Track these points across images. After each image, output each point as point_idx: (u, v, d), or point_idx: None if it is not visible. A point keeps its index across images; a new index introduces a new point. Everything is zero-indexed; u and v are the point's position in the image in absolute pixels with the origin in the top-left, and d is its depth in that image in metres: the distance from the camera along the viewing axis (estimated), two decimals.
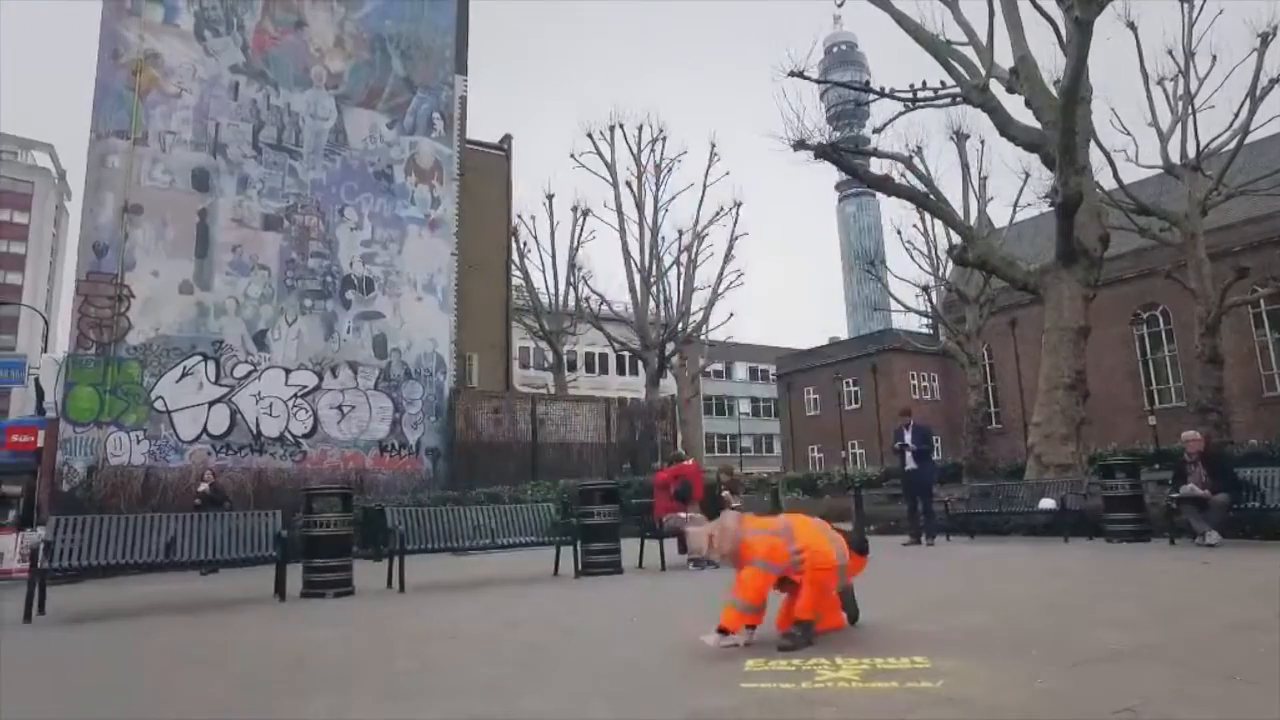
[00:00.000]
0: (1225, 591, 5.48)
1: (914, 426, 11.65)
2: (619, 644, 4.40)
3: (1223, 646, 3.63)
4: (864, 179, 16.31)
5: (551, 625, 5.20)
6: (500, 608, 6.22)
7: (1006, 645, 3.80)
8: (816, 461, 47.20)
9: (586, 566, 8.51)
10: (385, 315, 18.11)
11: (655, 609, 5.83)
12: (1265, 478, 8.95)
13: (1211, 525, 8.63)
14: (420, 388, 18.24)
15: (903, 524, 13.96)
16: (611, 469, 19.54)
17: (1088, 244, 14.53)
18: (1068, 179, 13.43)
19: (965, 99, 15.84)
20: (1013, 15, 15.79)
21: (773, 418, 63.72)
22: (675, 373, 31.76)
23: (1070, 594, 5.62)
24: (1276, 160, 23.84)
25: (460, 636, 4.85)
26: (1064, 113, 13.06)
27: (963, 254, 16.78)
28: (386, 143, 18.68)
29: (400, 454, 17.74)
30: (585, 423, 20.32)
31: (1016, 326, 40.90)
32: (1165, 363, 35.96)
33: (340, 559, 7.36)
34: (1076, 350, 14.44)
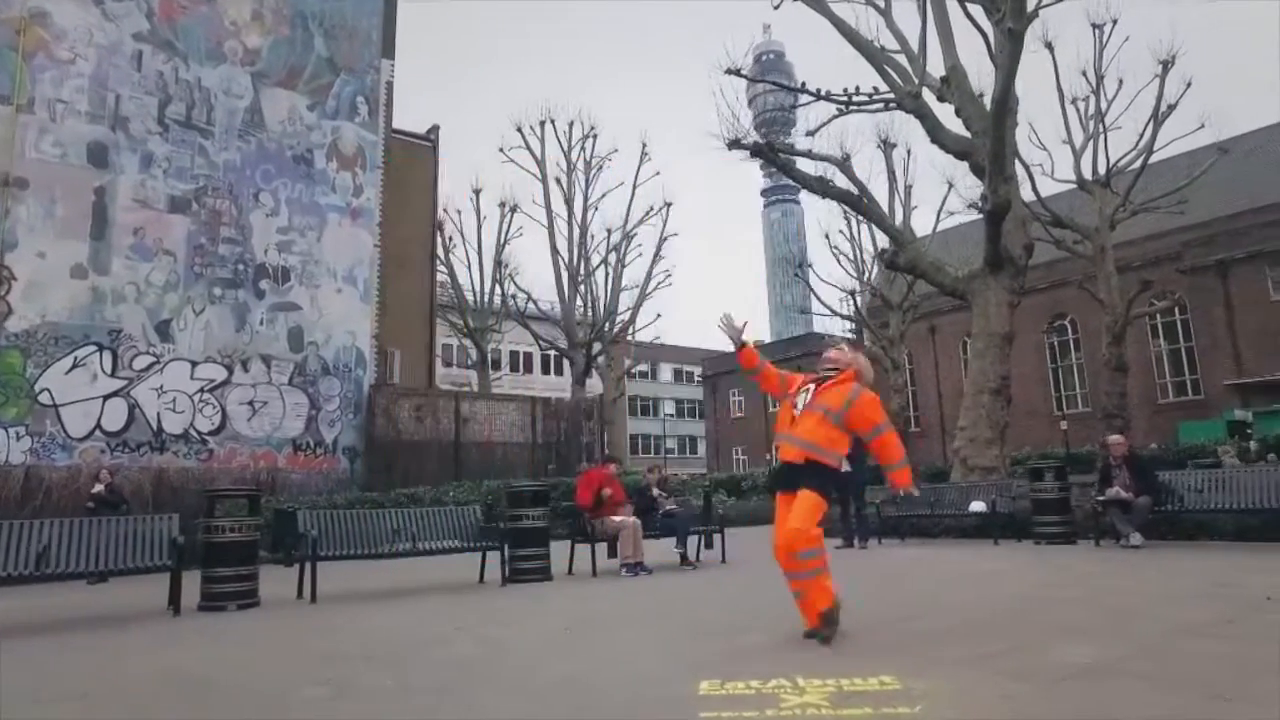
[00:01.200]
0: (1163, 594, 5.45)
1: None
2: (555, 660, 4.02)
3: (1187, 657, 3.49)
4: (799, 179, 16.32)
5: (480, 639, 4.77)
6: (423, 620, 5.75)
7: (971, 659, 3.59)
8: (740, 463, 47.61)
9: (514, 573, 8.07)
10: (302, 307, 17.15)
11: (591, 619, 5.46)
12: (1183, 481, 9.21)
13: (1135, 527, 8.81)
14: (338, 383, 17.34)
15: (834, 527, 13.98)
16: (537, 469, 19.04)
17: (1013, 252, 14.84)
18: (997, 187, 13.66)
19: (899, 104, 16.00)
20: (944, 25, 16.04)
21: (697, 419, 64.04)
22: (601, 372, 31.43)
23: (1017, 599, 5.51)
24: (1174, 180, 25.04)
25: (378, 655, 4.37)
26: (995, 121, 13.26)
27: (894, 258, 16.97)
28: (307, 126, 17.70)
29: (316, 453, 16.81)
30: (510, 422, 19.75)
31: (936, 333, 42.14)
32: (1073, 370, 37.52)
33: (245, 566, 6.72)
34: (1001, 355, 14.72)
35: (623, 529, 8.72)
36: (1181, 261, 32.74)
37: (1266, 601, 4.93)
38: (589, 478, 9.21)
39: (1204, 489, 8.93)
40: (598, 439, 21.78)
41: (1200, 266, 32.57)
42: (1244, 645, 3.71)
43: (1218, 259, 32.25)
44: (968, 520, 11.34)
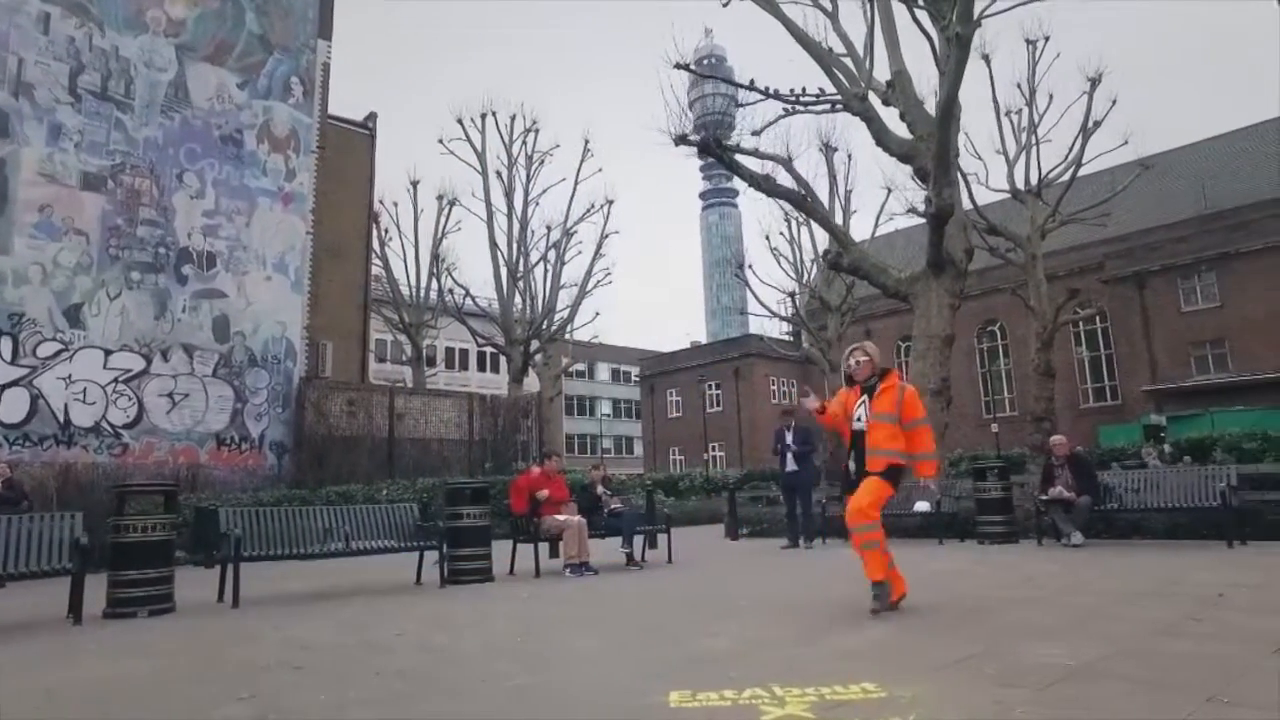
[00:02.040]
0: (1118, 592, 5.42)
1: (796, 427, 11.51)
2: (506, 669, 3.70)
3: (1167, 658, 3.39)
4: (744, 176, 16.19)
5: (422, 646, 4.41)
6: (357, 625, 5.34)
7: (951, 663, 3.41)
8: (677, 463, 47.62)
9: (454, 574, 7.69)
10: (228, 295, 16.27)
11: (543, 623, 5.14)
12: (1121, 482, 9.39)
13: (1076, 526, 8.93)
14: (266, 376, 16.51)
15: (776, 526, 13.92)
16: (474, 467, 18.55)
17: (955, 255, 15.03)
18: (941, 190, 13.77)
19: (846, 106, 16.05)
20: (890, 30, 16.18)
21: (634, 419, 63.96)
22: (539, 371, 30.94)
23: (977, 599, 5.42)
24: (1097, 194, 25.97)
25: (309, 666, 3.98)
26: (941, 126, 13.37)
27: (837, 259, 17.03)
28: (236, 105, 16.80)
29: (241, 448, 15.97)
30: (446, 418, 19.20)
31: (872, 336, 42.93)
32: (1002, 374, 38.66)
33: (159, 569, 6.17)
34: (942, 357, 14.87)
35: (567, 528, 8.43)
36: (1103, 272, 34.05)
37: (1219, 599, 4.94)
38: (518, 485, 8.87)
39: (1140, 489, 9.12)
40: (535, 437, 21.38)
41: (1119, 277, 33.94)
42: (1217, 645, 3.64)
43: (1135, 271, 33.66)
44: (910, 520, 11.38)
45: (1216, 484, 8.56)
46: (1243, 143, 37.94)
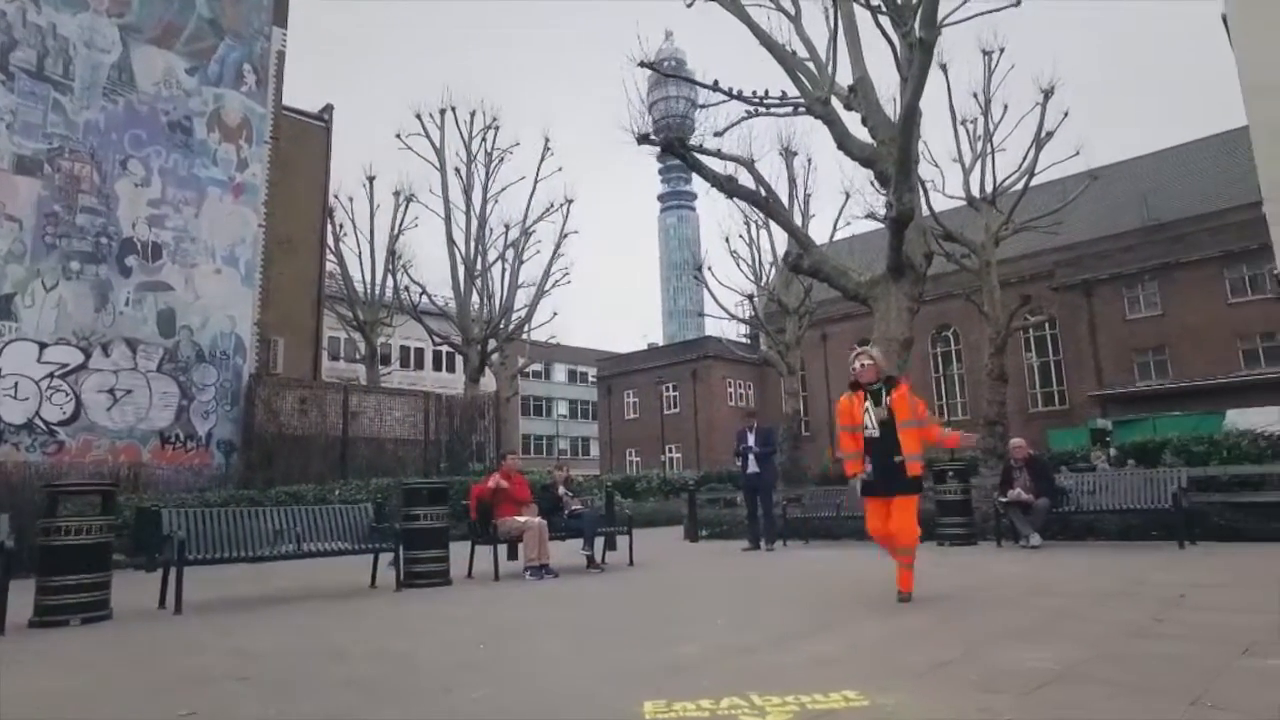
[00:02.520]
0: (1085, 593, 5.43)
1: (757, 429, 11.48)
2: (470, 680, 3.52)
3: (1144, 660, 3.35)
4: (706, 177, 16.14)
5: (379, 654, 4.20)
6: (309, 631, 5.09)
7: (930, 669, 3.33)
8: (634, 465, 47.52)
9: (410, 577, 7.44)
10: (175, 287, 15.67)
11: (502, 629, 4.95)
12: (1077, 484, 9.53)
13: (1035, 528, 9.03)
14: (215, 372, 15.94)
15: (736, 528, 13.87)
16: (429, 467, 18.20)
17: (915, 259, 15.16)
18: (902, 195, 13.88)
19: (809, 109, 16.11)
20: (853, 35, 16.28)
21: (590, 420, 63.72)
22: (495, 370, 30.56)
23: (946, 601, 5.38)
24: (1049, 203, 26.54)
25: (256, 675, 3.75)
26: (903, 130, 13.47)
27: (798, 261, 17.06)
28: (185, 91, 16.20)
29: (187, 446, 15.39)
30: (402, 417, 18.81)
31: (828, 339, 43.37)
32: (954, 379, 39.34)
33: (94, 573, 5.82)
34: (901, 360, 14.98)
35: (527, 530, 8.24)
36: (1053, 280, 34.85)
37: (1181, 599, 4.97)
38: (475, 492, 8.65)
39: (1095, 491, 9.25)
40: (492, 438, 21.08)
41: (1068, 285, 34.78)
42: (1190, 646, 3.63)
43: (1083, 279, 34.52)
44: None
45: (1169, 486, 8.72)
46: (1183, 158, 39.20)
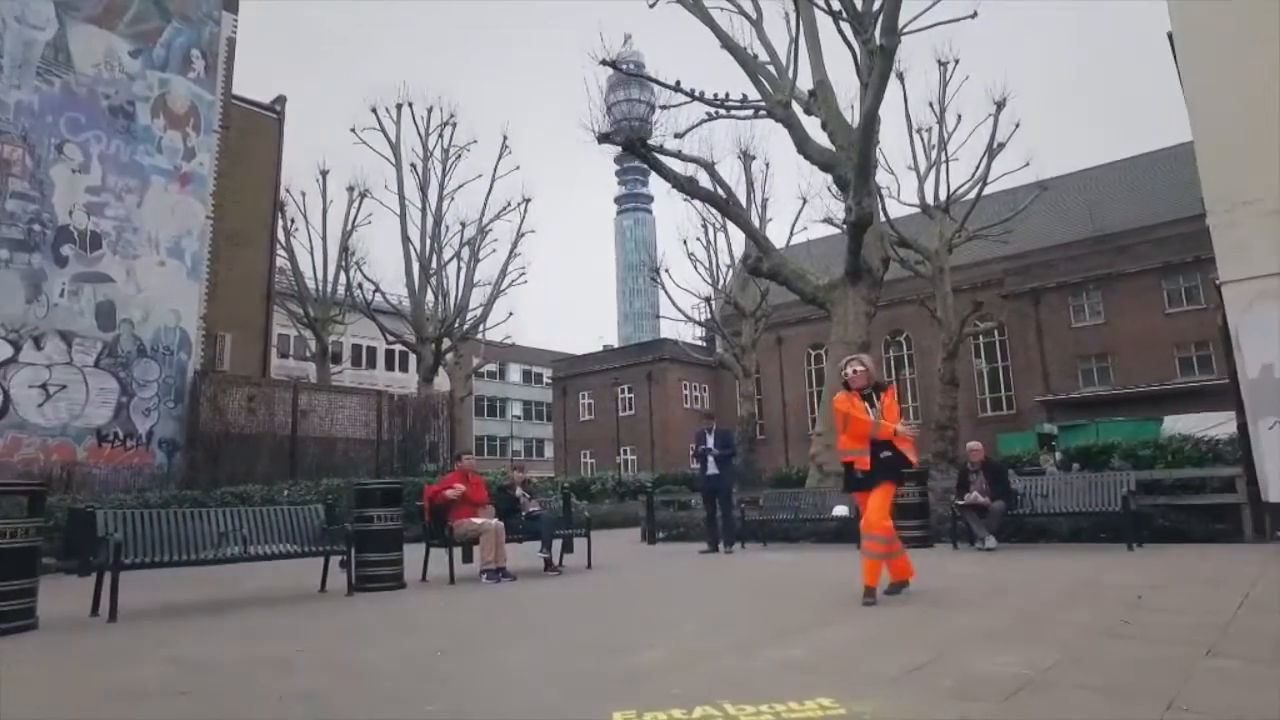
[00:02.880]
0: (1045, 595, 5.45)
1: (716, 430, 11.42)
2: (432, 689, 3.35)
3: (1114, 663, 3.34)
4: (667, 177, 16.11)
5: (329, 663, 4.00)
6: (255, 640, 4.85)
7: (903, 674, 3.26)
8: (588, 466, 47.30)
9: (362, 580, 7.20)
10: (115, 279, 15.02)
11: (460, 635, 4.78)
12: (1031, 487, 9.68)
13: (990, 530, 9.13)
14: (157, 368, 15.32)
15: (694, 531, 13.80)
16: (381, 468, 17.80)
17: (872, 263, 15.32)
18: (861, 199, 14.00)
19: (770, 113, 16.17)
20: (813, 40, 16.40)
21: (545, 421, 63.36)
22: (449, 370, 30.13)
23: (910, 604, 5.34)
24: (1000, 212, 27.13)
25: (196, 689, 3.53)
26: (863, 136, 13.58)
27: (757, 264, 17.12)
28: (128, 74, 15.55)
29: (126, 445, 14.75)
30: (354, 417, 18.36)
31: (783, 343, 43.75)
32: (906, 383, 39.97)
33: (19, 579, 5.46)
34: None
35: (483, 532, 8.05)
36: (1003, 287, 35.63)
37: (1139, 600, 5.02)
38: (428, 493, 8.44)
39: (1048, 494, 9.41)
40: (446, 438, 20.73)
41: (1017, 293, 35.61)
42: (1155, 647, 3.64)
43: (1031, 287, 35.40)
44: (828, 525, 11.45)
45: (1118, 490, 8.90)
46: (1127, 172, 40.50)
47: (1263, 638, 3.85)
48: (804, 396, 43.84)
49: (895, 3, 12.23)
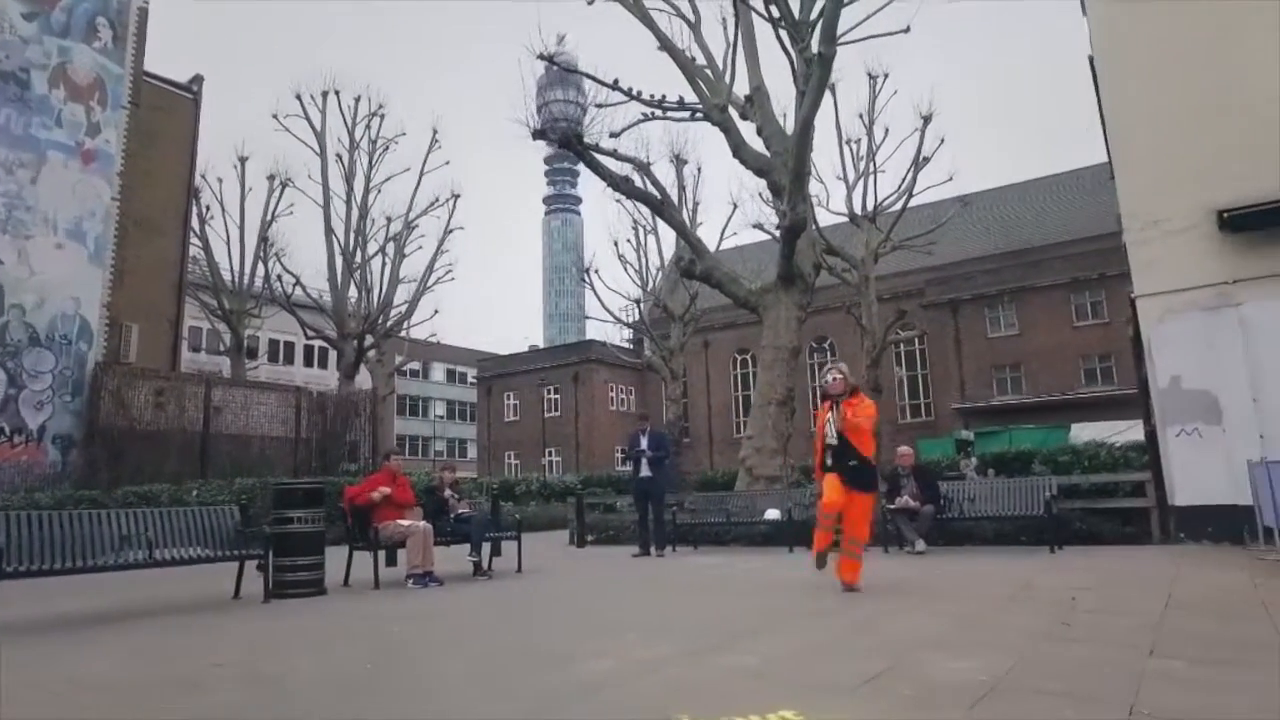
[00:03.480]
0: (984, 598, 5.49)
1: (651, 432, 11.30)
2: (357, 706, 3.09)
3: (1068, 667, 3.33)
4: (604, 176, 15.93)
5: (246, 678, 3.68)
6: (162, 654, 4.45)
7: (860, 683, 3.17)
8: (513, 468, 46.69)
9: (280, 586, 6.78)
10: (3, 261, 13.95)
11: (389, 646, 4.49)
12: (960, 491, 9.88)
13: (920, 534, 9.26)
14: (52, 358, 14.27)
15: (623, 533, 13.65)
16: (299, 467, 17.06)
17: (804, 269, 15.47)
18: (796, 205, 14.12)
19: (706, 116, 16.18)
20: (751, 46, 16.50)
21: (469, 421, 62.41)
22: (371, 368, 29.26)
23: (851, 608, 5.31)
24: (924, 224, 27.95)
25: (95, 712, 3.18)
26: (799, 141, 13.70)
27: (690, 266, 17.10)
28: (22, 38, 14.43)
29: (13, 441, 13.69)
30: (271, 414, 17.55)
31: (709, 347, 44.07)
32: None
33: None
34: (789, 368, 15.25)
35: (410, 534, 7.72)
36: (923, 298, 36.72)
37: (1073, 601, 5.10)
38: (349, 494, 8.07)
39: (975, 499, 9.62)
40: (368, 436, 20.06)
41: (937, 303, 36.76)
42: (1101, 649, 3.67)
43: (950, 298, 36.60)
44: (759, 528, 11.47)
45: (1041, 494, 9.16)
46: (1042, 190, 42.35)
47: (1194, 638, 3.92)
48: (730, 401, 44.28)
49: (834, 12, 12.36)
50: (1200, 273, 9.57)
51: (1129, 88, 10.66)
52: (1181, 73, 10.05)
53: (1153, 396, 9.83)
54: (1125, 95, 10.71)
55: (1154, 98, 10.29)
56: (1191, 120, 9.89)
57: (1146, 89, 10.40)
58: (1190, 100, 9.93)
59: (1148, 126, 10.32)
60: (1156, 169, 10.14)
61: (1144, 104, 10.41)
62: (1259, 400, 9.08)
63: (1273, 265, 9.27)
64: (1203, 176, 9.69)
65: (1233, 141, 9.60)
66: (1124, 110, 10.72)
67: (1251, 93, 9.55)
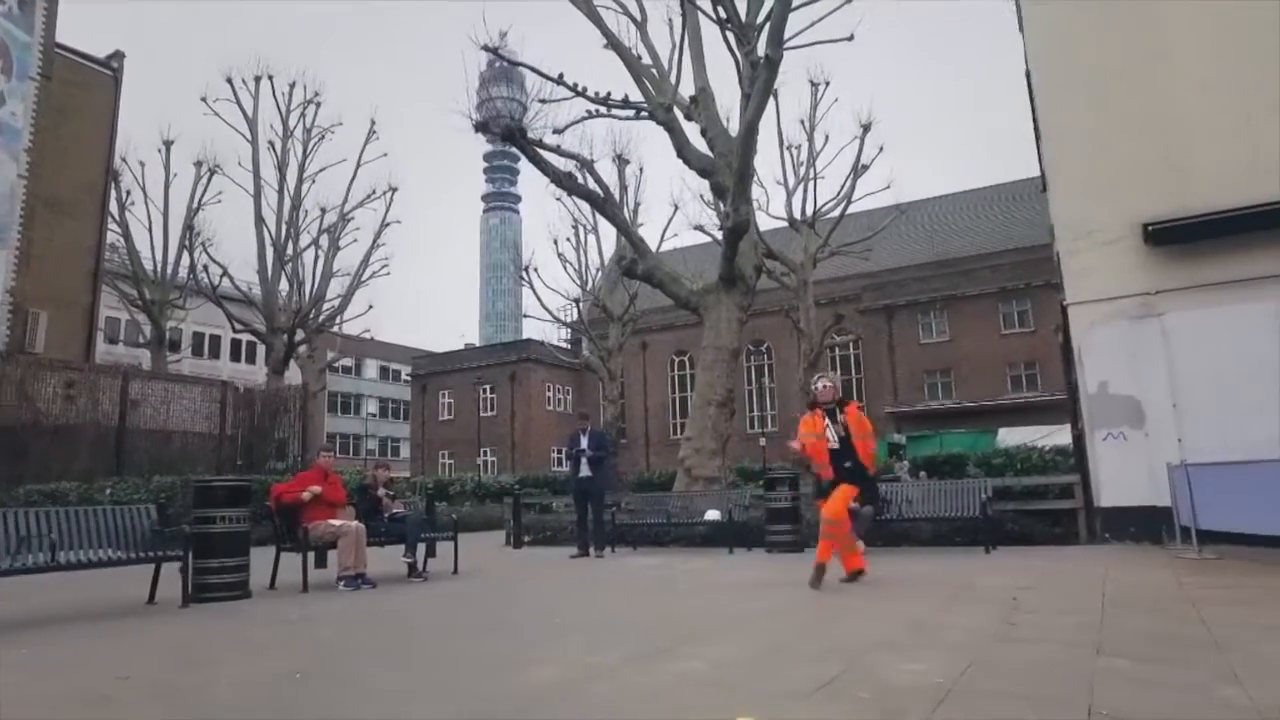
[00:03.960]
0: (929, 599, 5.50)
1: (591, 432, 11.14)
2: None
3: (1025, 669, 3.32)
4: (547, 172, 15.71)
5: (159, 693, 3.40)
6: (68, 668, 4.08)
7: (817, 687, 3.09)
8: (447, 468, 45.91)
9: (200, 590, 6.39)
10: None
11: (319, 654, 4.24)
12: (899, 493, 10.01)
13: (859, 535, 9.31)
14: None
15: (561, 534, 13.45)
16: (223, 464, 16.33)
17: (746, 271, 15.53)
18: (739, 206, 14.16)
19: (651, 115, 16.11)
20: (697, 47, 16.52)
21: (402, 420, 61.21)
22: (301, 363, 28.34)
23: (800, 610, 5.27)
24: (861, 232, 28.49)
25: None
26: (744, 144, 13.73)
27: (632, 265, 16.99)
28: None
29: None
30: (193, 409, 16.75)
31: (648, 349, 44.11)
32: (767, 392, 41.24)
33: None
34: (729, 369, 15.28)
35: (342, 535, 7.41)
36: (859, 303, 37.43)
37: (1015, 601, 5.16)
38: (275, 492, 7.71)
39: (914, 500, 9.75)
40: (297, 433, 19.36)
41: (872, 309, 37.52)
42: (1050, 649, 3.69)
43: (885, 304, 37.40)
44: (698, 529, 11.42)
45: (978, 496, 9.34)
46: (974, 201, 43.68)
47: (1135, 636, 3.98)
48: (667, 402, 44.39)
49: (782, 15, 12.42)
50: (1127, 283, 9.90)
51: (1064, 101, 10.98)
52: (1113, 88, 10.39)
53: (1082, 401, 10.12)
54: (1060, 108, 11.03)
55: (1087, 112, 10.61)
56: (1121, 135, 10.24)
57: (1080, 103, 10.72)
58: (1121, 115, 10.28)
59: (1081, 139, 10.64)
60: (1089, 181, 10.45)
61: (1078, 117, 10.73)
62: (1178, 405, 9.43)
63: (1192, 277, 9.66)
64: (1131, 190, 10.04)
65: (1159, 157, 9.98)
66: (1059, 123, 11.03)
67: (1177, 111, 9.93)
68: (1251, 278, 9.18)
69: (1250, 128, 9.47)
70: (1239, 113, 9.58)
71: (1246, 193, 9.18)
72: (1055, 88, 11.18)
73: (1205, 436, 8.92)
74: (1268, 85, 9.44)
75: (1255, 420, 8.71)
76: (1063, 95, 11.02)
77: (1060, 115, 11.03)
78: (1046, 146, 11.51)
